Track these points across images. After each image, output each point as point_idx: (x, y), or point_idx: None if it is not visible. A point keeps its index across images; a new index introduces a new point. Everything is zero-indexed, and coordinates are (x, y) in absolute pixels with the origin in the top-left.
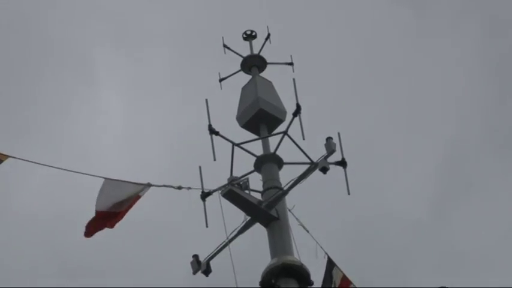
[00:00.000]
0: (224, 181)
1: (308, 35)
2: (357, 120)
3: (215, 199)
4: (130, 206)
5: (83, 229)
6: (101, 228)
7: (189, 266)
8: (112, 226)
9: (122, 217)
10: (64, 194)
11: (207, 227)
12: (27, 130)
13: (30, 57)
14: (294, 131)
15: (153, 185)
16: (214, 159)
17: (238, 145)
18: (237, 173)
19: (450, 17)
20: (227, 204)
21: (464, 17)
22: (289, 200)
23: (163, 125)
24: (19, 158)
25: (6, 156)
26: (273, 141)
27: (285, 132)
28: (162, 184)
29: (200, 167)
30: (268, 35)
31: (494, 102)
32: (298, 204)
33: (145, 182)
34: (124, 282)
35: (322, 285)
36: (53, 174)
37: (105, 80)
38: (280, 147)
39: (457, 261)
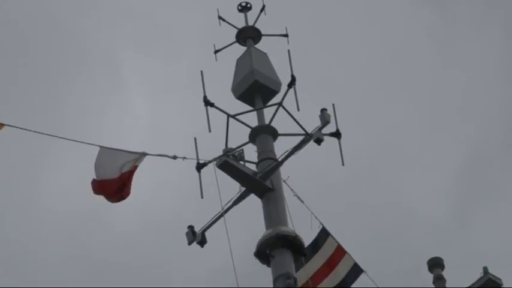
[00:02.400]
0: (219, 152)
1: (303, 7)
2: (352, 91)
3: (210, 170)
4: (128, 176)
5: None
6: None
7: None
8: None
9: (123, 184)
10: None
11: (202, 197)
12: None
13: (63, 61)
14: (289, 102)
15: (148, 154)
16: (210, 131)
17: (233, 116)
18: (232, 144)
19: (473, 20)
20: (222, 175)
21: (487, 20)
22: (284, 171)
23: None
24: (14, 126)
25: (2, 125)
26: (267, 112)
27: (280, 104)
28: (157, 153)
29: (195, 138)
30: (263, 6)
31: None
32: (292, 175)
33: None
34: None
35: (306, 249)
36: (83, 171)
37: (132, 81)
38: (275, 118)
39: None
